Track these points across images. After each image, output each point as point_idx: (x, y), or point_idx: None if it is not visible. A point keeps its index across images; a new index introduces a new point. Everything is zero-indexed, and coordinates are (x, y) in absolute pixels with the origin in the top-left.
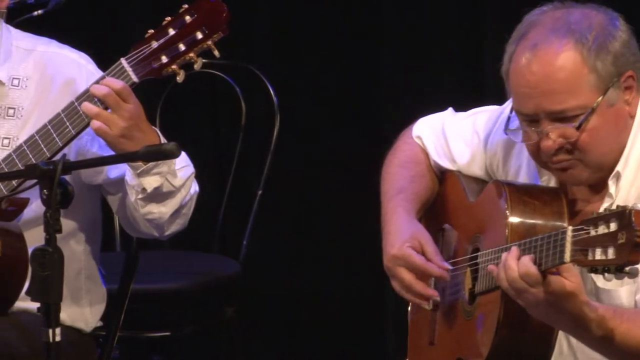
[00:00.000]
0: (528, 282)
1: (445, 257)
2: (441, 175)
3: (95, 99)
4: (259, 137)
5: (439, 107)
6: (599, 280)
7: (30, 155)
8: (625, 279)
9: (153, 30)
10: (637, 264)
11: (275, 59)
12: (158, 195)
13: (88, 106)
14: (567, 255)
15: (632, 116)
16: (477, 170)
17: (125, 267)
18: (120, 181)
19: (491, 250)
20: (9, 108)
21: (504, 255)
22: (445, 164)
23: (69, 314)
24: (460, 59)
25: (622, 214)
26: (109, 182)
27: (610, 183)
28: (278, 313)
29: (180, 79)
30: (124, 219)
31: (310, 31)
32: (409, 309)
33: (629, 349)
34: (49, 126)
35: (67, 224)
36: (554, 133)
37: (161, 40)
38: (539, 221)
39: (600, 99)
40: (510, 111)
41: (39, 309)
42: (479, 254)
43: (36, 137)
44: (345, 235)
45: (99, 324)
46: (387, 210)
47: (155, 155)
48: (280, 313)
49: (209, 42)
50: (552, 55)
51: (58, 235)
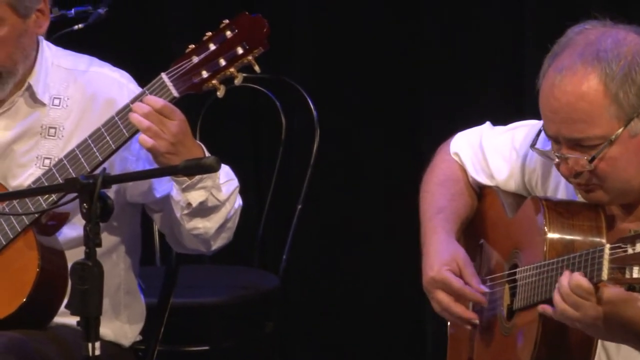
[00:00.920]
0: (580, 295)
1: (484, 273)
2: (480, 190)
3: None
4: (298, 152)
5: (478, 121)
6: None
7: (70, 170)
8: None
9: (194, 46)
10: None
11: (316, 73)
12: (203, 210)
13: (138, 119)
14: (605, 274)
15: None
16: (515, 187)
17: (165, 281)
18: (166, 199)
19: (530, 266)
20: (50, 128)
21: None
22: (484, 180)
23: (108, 328)
24: (499, 72)
25: None
26: (155, 201)
27: None
28: (317, 327)
29: (220, 94)
30: (170, 236)
31: (350, 45)
32: (449, 323)
33: None
34: (89, 140)
35: (108, 238)
36: (571, 160)
37: (202, 56)
38: (578, 237)
39: (621, 130)
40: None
41: (78, 323)
42: (517, 270)
43: (76, 152)
44: (384, 250)
45: (139, 338)
46: (427, 230)
47: (195, 169)
48: (320, 327)
49: (250, 57)
50: (575, 84)
51: (98, 250)
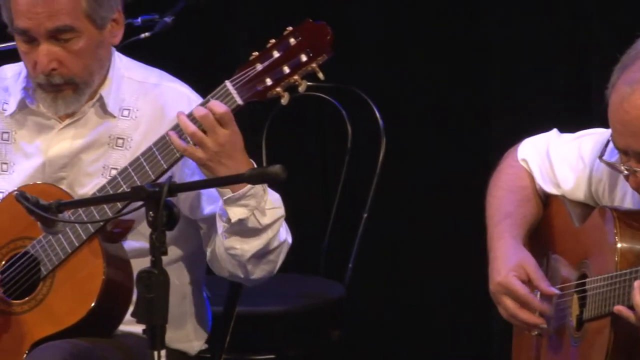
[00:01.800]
0: None
1: (551, 283)
2: (546, 199)
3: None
4: (364, 160)
5: (546, 128)
6: None
7: (135, 177)
8: None
9: (257, 53)
10: None
11: (382, 81)
12: (243, 230)
13: (185, 122)
14: None
15: None
16: (582, 196)
17: (231, 290)
18: (211, 218)
19: (600, 277)
20: (118, 138)
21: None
22: (550, 189)
23: (174, 337)
24: (567, 80)
25: None
26: (202, 219)
27: None
28: (383, 336)
29: (284, 101)
30: (211, 258)
31: (415, 53)
32: (514, 331)
33: None
34: (154, 148)
35: (175, 247)
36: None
37: (266, 63)
38: None
39: None
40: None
41: (144, 331)
42: (587, 280)
43: (141, 160)
44: (450, 257)
45: (204, 346)
46: (494, 235)
47: (260, 177)
48: (386, 336)
49: (314, 65)
50: None
51: (165, 259)
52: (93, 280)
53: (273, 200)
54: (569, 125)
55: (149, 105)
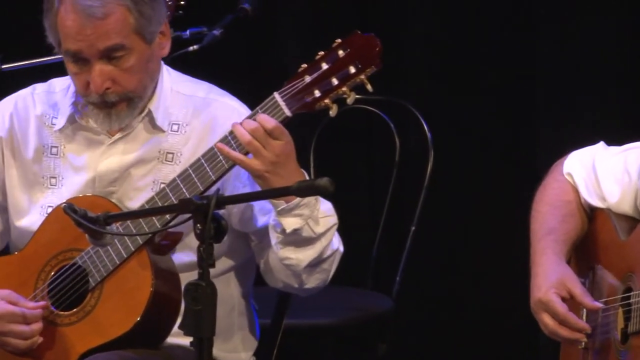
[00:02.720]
0: None
1: (596, 297)
2: (591, 212)
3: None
4: (412, 173)
5: (593, 140)
6: None
7: (184, 189)
8: None
9: (306, 65)
10: None
11: (430, 94)
12: (297, 241)
13: (241, 131)
14: None
15: None
16: (628, 209)
17: (278, 302)
18: (264, 230)
19: None
20: (168, 153)
21: None
22: (595, 203)
23: (221, 349)
24: (614, 92)
25: None
26: (254, 231)
27: None
28: (430, 350)
29: (333, 113)
30: (264, 270)
31: (463, 67)
32: (562, 344)
33: None
34: (202, 160)
35: (223, 259)
36: None
37: (314, 75)
38: None
39: None
40: None
41: (191, 343)
42: (632, 293)
43: (189, 171)
44: (497, 270)
45: (252, 359)
46: (537, 250)
47: (308, 190)
48: (433, 350)
49: (362, 77)
50: None
51: (212, 271)
52: (141, 291)
53: (325, 209)
54: (616, 138)
55: (198, 120)
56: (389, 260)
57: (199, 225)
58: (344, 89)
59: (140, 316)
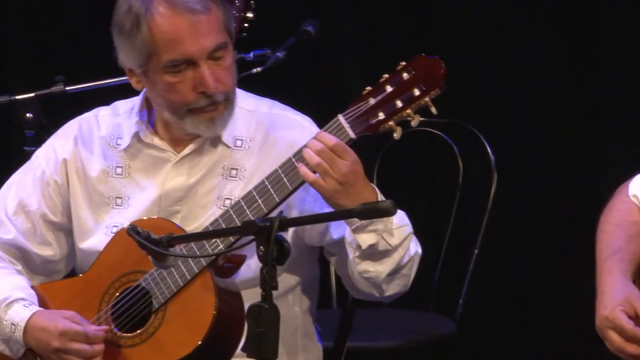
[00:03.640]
0: None
1: None
2: None
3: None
4: (476, 196)
5: None
6: None
7: (247, 211)
8: None
9: (370, 87)
10: None
11: (493, 117)
12: (374, 254)
13: (309, 154)
14: None
15: None
16: None
17: (341, 325)
18: (342, 241)
19: None
20: (232, 169)
21: None
22: None
23: None
24: None
25: None
26: (332, 243)
27: None
28: None
29: (397, 135)
30: (345, 280)
31: (528, 89)
32: None
33: None
34: (266, 182)
35: (285, 281)
36: None
37: (379, 97)
38: None
39: None
40: None
41: None
42: None
43: (253, 193)
44: (561, 294)
45: None
46: (602, 270)
47: (371, 212)
48: None
49: (426, 99)
50: None
51: (276, 292)
52: (204, 313)
53: (399, 220)
54: None
55: (261, 135)
56: (451, 283)
57: (261, 247)
58: (408, 112)
59: (203, 338)
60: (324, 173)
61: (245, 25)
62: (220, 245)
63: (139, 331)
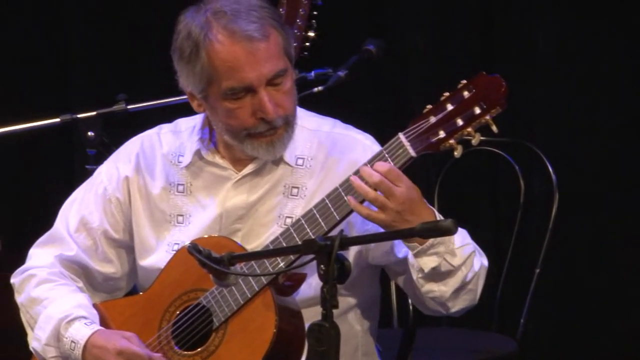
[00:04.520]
0: None
1: None
2: None
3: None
4: (537, 215)
5: None
6: None
7: (308, 229)
8: None
9: (431, 106)
10: None
11: (555, 136)
12: (437, 275)
13: (365, 189)
14: None
15: None
16: None
17: (402, 344)
18: (407, 260)
19: None
20: (293, 187)
21: None
22: None
23: None
24: None
25: None
26: (398, 262)
27: None
28: None
29: (457, 154)
30: (412, 297)
31: (589, 108)
32: None
33: None
34: (327, 200)
35: (346, 299)
36: None
37: (439, 115)
38: None
39: None
40: None
41: None
42: None
43: (314, 212)
44: (624, 315)
45: None
46: None
47: (432, 231)
48: None
49: (487, 117)
50: None
51: (336, 311)
52: (265, 332)
53: (461, 240)
54: None
55: (322, 154)
56: (513, 303)
57: (322, 266)
58: (469, 130)
59: (263, 357)
60: (381, 206)
61: (307, 44)
62: (281, 263)
63: (199, 349)
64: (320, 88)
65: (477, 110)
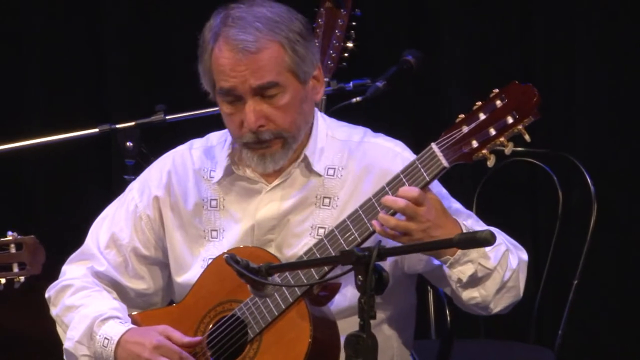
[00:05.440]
0: None
1: None
2: None
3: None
4: (576, 226)
5: None
6: None
7: (341, 240)
8: None
9: (464, 115)
10: None
11: (593, 147)
12: (475, 280)
13: (387, 219)
14: None
15: None
16: None
17: (439, 356)
18: (441, 266)
19: None
20: (325, 198)
21: None
22: None
23: None
24: None
25: None
26: (434, 268)
27: None
28: None
29: (490, 163)
30: (454, 300)
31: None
32: None
33: None
34: (360, 211)
35: (382, 310)
36: None
37: (472, 125)
38: None
39: None
40: None
41: None
42: None
43: (347, 222)
44: None
45: None
46: None
47: (471, 242)
48: None
49: (520, 127)
50: None
51: (372, 322)
52: (300, 342)
53: None
54: None
55: (353, 163)
56: (551, 314)
57: (360, 276)
58: (502, 140)
59: None
60: (405, 231)
61: (346, 55)
62: (315, 274)
63: None
64: (358, 99)
65: (510, 120)
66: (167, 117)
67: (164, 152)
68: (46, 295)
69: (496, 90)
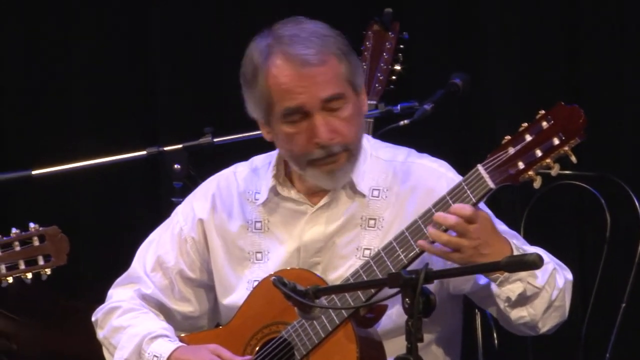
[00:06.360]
0: None
1: None
2: None
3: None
4: (623, 249)
5: None
6: None
7: (388, 262)
8: None
9: (510, 137)
10: None
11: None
12: (524, 299)
13: (439, 234)
14: None
15: None
16: None
17: None
18: (488, 286)
19: None
20: (370, 219)
21: None
22: None
23: None
24: None
25: None
26: (479, 288)
27: None
28: None
29: (537, 185)
30: (500, 320)
31: None
32: None
33: None
34: (406, 233)
35: (428, 331)
36: None
37: (518, 147)
38: None
39: None
40: None
41: None
42: None
43: (394, 244)
44: None
45: None
46: None
47: (517, 266)
48: None
49: (566, 148)
50: None
51: (419, 344)
52: None
53: None
54: None
55: (398, 184)
56: (599, 338)
57: (407, 299)
58: (548, 161)
59: None
60: (456, 247)
61: (393, 77)
62: (361, 296)
63: None
64: (406, 121)
65: (556, 141)
66: (215, 140)
67: (211, 174)
68: (93, 318)
69: (542, 111)
